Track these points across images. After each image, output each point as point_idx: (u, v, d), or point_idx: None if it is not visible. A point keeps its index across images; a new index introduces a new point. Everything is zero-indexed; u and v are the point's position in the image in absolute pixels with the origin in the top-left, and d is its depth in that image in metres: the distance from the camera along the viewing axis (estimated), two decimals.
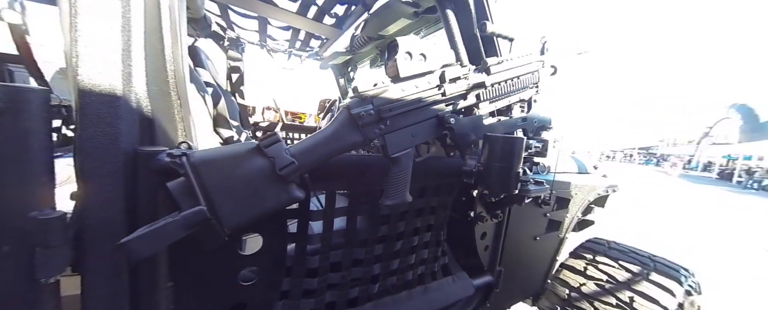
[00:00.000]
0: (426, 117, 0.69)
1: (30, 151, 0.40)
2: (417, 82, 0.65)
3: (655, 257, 1.64)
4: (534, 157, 0.94)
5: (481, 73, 0.76)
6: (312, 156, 0.56)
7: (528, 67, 0.86)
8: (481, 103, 0.78)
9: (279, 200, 0.53)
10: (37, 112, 0.41)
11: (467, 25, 1.08)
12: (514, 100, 0.87)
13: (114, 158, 0.47)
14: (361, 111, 0.58)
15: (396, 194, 0.67)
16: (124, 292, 0.50)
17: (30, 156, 0.40)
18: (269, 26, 1.78)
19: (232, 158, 0.50)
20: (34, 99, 0.40)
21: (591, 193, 1.54)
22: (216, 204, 0.47)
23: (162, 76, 0.56)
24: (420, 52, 0.64)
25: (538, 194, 0.93)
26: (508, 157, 0.66)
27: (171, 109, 0.58)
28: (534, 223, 1.35)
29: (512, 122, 0.84)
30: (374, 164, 0.76)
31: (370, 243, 0.82)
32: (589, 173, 1.95)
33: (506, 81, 0.81)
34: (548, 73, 0.94)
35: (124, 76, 0.48)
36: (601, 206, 1.97)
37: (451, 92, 0.69)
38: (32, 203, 0.41)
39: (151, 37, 0.52)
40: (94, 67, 0.45)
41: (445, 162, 0.91)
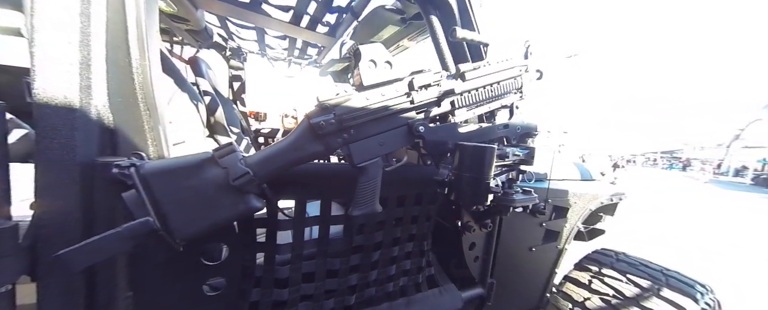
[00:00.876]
0: (395, 125, 0.68)
1: None
2: (383, 90, 0.64)
3: (667, 271, 1.53)
4: (519, 165, 0.90)
5: (455, 80, 0.74)
6: (270, 166, 0.56)
7: (509, 72, 0.83)
8: (457, 110, 0.75)
9: (235, 210, 0.53)
10: None
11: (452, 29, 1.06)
12: (496, 106, 0.84)
13: (70, 168, 0.48)
14: (321, 121, 0.58)
15: (364, 204, 0.66)
16: (79, 302, 0.50)
17: None
18: (267, 36, 1.82)
19: (186, 168, 0.50)
20: None
21: (593, 201, 1.46)
22: (167, 215, 0.47)
23: (128, 88, 0.57)
24: (385, 60, 0.63)
25: (525, 203, 0.89)
26: (478, 167, 0.63)
27: (139, 120, 0.59)
28: (529, 233, 1.29)
29: (492, 129, 0.81)
30: (347, 172, 0.74)
31: (344, 253, 0.80)
32: (594, 179, 1.86)
33: (484, 87, 0.79)
34: (533, 78, 0.91)
35: (82, 89, 0.49)
36: (610, 214, 1.88)
37: (420, 100, 0.67)
38: None
39: (116, 50, 0.54)
40: (49, 80, 0.46)
41: (426, 170, 0.88)
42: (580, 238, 2.10)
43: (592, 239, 2.06)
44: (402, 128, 0.68)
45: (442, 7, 1.03)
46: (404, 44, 1.70)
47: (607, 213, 1.87)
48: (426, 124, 0.69)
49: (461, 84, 0.74)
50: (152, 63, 0.63)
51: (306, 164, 0.62)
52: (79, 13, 0.48)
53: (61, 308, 0.49)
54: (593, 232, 2.02)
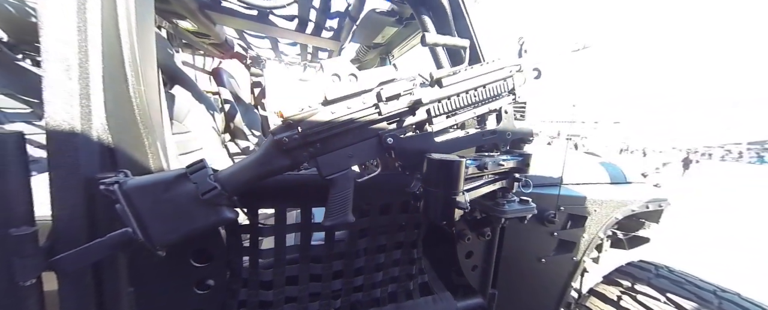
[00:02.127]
0: (364, 137, 0.68)
1: (8, 182, 0.51)
2: (349, 102, 0.64)
3: (724, 293, 1.32)
4: (515, 173, 0.84)
5: (431, 87, 0.71)
6: (238, 180, 0.60)
7: (496, 74, 0.77)
8: (435, 118, 0.73)
9: (207, 221, 0.58)
10: (13, 150, 0.52)
11: (446, 30, 1.01)
12: (483, 111, 0.79)
13: (75, 183, 0.57)
14: (284, 137, 0.60)
15: (336, 215, 0.67)
16: (90, 293, 0.60)
17: (9, 187, 0.51)
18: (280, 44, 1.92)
19: (162, 183, 0.56)
20: (9, 140, 0.51)
21: (619, 209, 1.30)
22: (147, 225, 0.54)
23: (127, 111, 0.65)
24: (349, 73, 0.63)
25: (518, 215, 0.83)
26: (444, 182, 0.60)
27: (138, 138, 0.67)
28: (538, 243, 1.20)
29: (476, 137, 0.77)
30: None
31: (326, 259, 0.83)
32: (629, 182, 1.65)
33: (467, 92, 0.75)
34: (530, 77, 0.83)
35: (82, 116, 0.57)
36: (654, 221, 1.66)
37: (389, 111, 0.66)
38: (12, 221, 0.52)
39: (113, 80, 0.62)
40: (55, 109, 0.55)
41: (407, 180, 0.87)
42: (619, 246, 1.89)
43: (633, 248, 1.84)
44: (372, 140, 0.68)
45: (435, 7, 0.99)
46: (411, 43, 1.67)
47: (651, 220, 1.65)
48: (396, 135, 0.68)
49: (437, 91, 0.71)
50: (150, 87, 0.72)
51: (284, 174, 0.66)
52: (77, 51, 0.56)
53: (76, 298, 0.59)
54: (636, 240, 1.80)
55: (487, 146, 0.84)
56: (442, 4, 0.97)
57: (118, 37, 0.62)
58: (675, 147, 26.44)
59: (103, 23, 0.60)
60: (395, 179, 0.85)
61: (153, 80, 0.74)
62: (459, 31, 1.01)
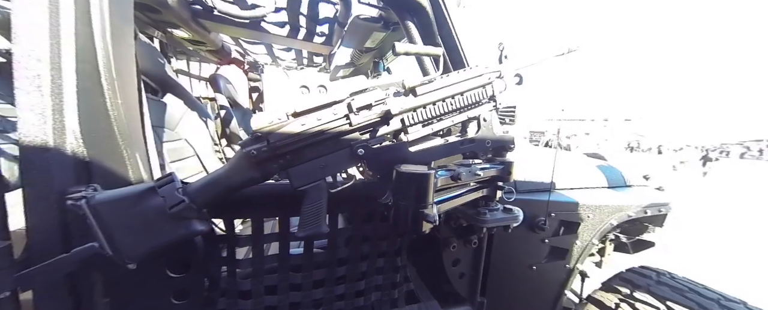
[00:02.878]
0: (337, 148, 0.67)
1: None
2: (319, 114, 0.64)
3: (728, 301, 1.27)
4: (498, 181, 0.83)
5: (405, 96, 0.70)
6: (207, 193, 0.60)
7: (475, 81, 0.75)
8: (411, 127, 0.72)
9: (176, 234, 0.58)
10: None
11: (429, 34, 1.00)
12: (461, 119, 0.77)
13: (48, 196, 0.58)
14: (252, 149, 0.60)
15: (309, 226, 0.67)
16: (65, 303, 0.61)
17: None
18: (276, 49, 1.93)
19: (131, 197, 0.56)
20: None
21: (615, 214, 1.26)
22: (115, 239, 0.54)
23: (104, 124, 0.66)
24: (318, 85, 0.62)
25: (500, 224, 0.81)
26: (412, 194, 0.59)
27: (117, 150, 0.68)
28: (529, 250, 1.17)
29: (453, 146, 0.75)
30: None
31: (305, 268, 0.83)
32: (629, 186, 1.61)
33: (443, 100, 0.73)
34: (511, 84, 0.81)
35: (55, 131, 0.58)
36: (658, 225, 1.61)
37: (360, 121, 0.65)
38: None
39: (88, 94, 0.63)
40: (28, 124, 0.56)
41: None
42: (622, 250, 1.84)
43: (637, 252, 1.79)
44: (344, 151, 0.67)
45: (418, 12, 0.98)
46: None
47: (654, 224, 1.60)
48: (368, 145, 0.67)
49: (412, 100, 0.70)
50: (129, 99, 0.73)
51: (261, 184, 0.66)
52: (49, 67, 0.57)
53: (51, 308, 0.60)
54: (638, 243, 1.75)
55: (469, 155, 0.83)
56: (425, 11, 0.96)
57: (93, 51, 0.63)
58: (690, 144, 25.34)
59: (77, 38, 0.61)
60: (372, 188, 0.84)
61: (133, 92, 0.75)
62: (443, 37, 1.00)
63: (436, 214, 0.58)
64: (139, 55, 1.12)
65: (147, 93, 1.20)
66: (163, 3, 1.15)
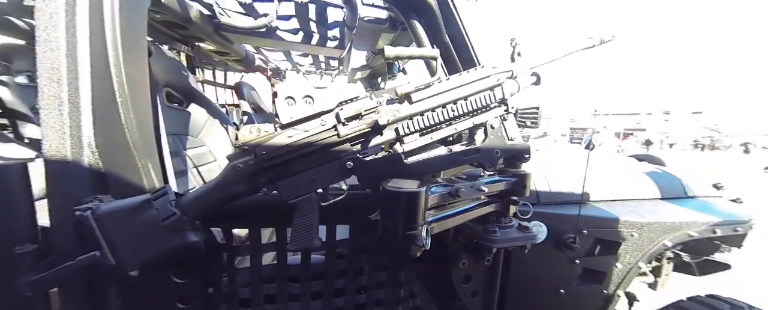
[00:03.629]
0: (326, 160, 0.64)
1: (14, 206, 0.59)
2: (307, 125, 0.62)
3: None
4: (511, 196, 0.73)
5: (400, 104, 0.65)
6: (198, 206, 0.61)
7: (481, 84, 0.67)
8: (407, 136, 0.66)
9: (171, 244, 0.60)
10: (17, 178, 0.60)
11: (437, 33, 0.93)
12: (465, 126, 0.69)
13: (67, 206, 0.63)
14: (238, 163, 0.60)
15: (299, 240, 0.65)
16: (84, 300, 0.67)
17: (15, 210, 0.60)
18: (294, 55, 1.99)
19: (130, 209, 0.59)
20: (13, 169, 0.59)
21: (669, 234, 1.05)
22: (117, 248, 0.58)
23: (119, 138, 0.71)
24: (304, 95, 0.60)
25: (512, 244, 0.72)
26: (399, 215, 0.53)
27: (131, 161, 0.73)
28: (556, 270, 1.03)
29: (455, 157, 0.68)
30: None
31: (303, 279, 0.81)
32: (693, 197, 1.35)
33: (444, 106, 0.66)
34: (526, 84, 0.71)
35: (73, 146, 0.64)
36: (736, 245, 1.34)
37: (349, 132, 0.62)
38: (18, 240, 0.60)
39: (103, 112, 0.68)
40: (50, 141, 0.62)
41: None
42: (687, 271, 1.57)
43: (705, 275, 1.51)
44: (334, 163, 0.64)
45: (423, 10, 0.91)
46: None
47: (730, 244, 1.33)
48: (358, 158, 0.63)
49: (407, 108, 0.64)
50: (143, 112, 0.78)
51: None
52: (67, 89, 0.63)
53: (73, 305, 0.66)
54: (707, 264, 1.48)
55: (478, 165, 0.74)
56: (431, 8, 0.89)
57: (108, 71, 0.68)
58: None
59: (92, 59, 0.66)
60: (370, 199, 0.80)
61: (146, 105, 0.80)
62: (452, 35, 0.92)
63: (425, 237, 0.52)
64: (165, 69, 1.21)
65: (173, 103, 1.30)
66: (188, 19, 1.23)
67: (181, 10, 1.17)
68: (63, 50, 0.63)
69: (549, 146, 2.09)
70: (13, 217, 0.61)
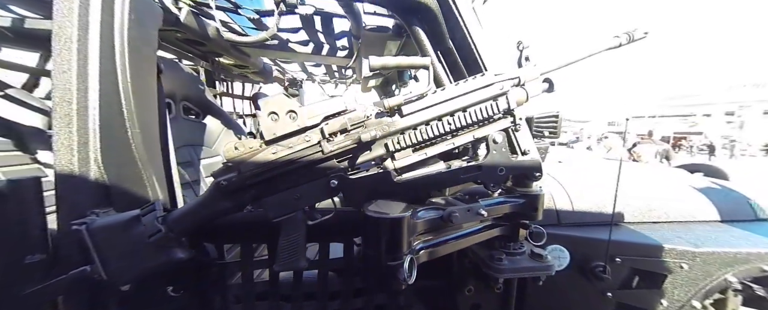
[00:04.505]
0: (313, 177, 0.61)
1: (27, 218, 0.64)
2: (292, 141, 0.59)
3: None
4: (520, 218, 0.65)
5: (392, 117, 0.60)
6: (184, 223, 0.61)
7: (482, 93, 0.60)
8: (398, 152, 0.61)
9: (158, 260, 0.60)
10: (31, 192, 0.64)
11: (440, 39, 0.87)
12: (464, 140, 0.63)
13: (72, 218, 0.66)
14: (222, 180, 0.58)
15: (286, 261, 0.62)
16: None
17: (27, 222, 0.64)
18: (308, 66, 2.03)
19: (120, 224, 0.60)
20: (28, 184, 0.63)
21: (733, 267, 0.86)
22: (108, 263, 0.59)
23: (125, 153, 0.74)
24: (288, 110, 0.58)
25: (522, 275, 0.63)
26: (377, 242, 0.48)
27: (137, 175, 0.76)
28: (584, 303, 0.89)
29: (452, 176, 0.61)
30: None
31: (295, 298, 0.78)
32: (765, 220, 1.13)
33: (440, 119, 0.60)
34: (536, 91, 0.63)
35: (80, 161, 0.67)
36: None
37: (331, 149, 0.58)
38: (29, 250, 0.64)
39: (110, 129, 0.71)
40: (60, 156, 0.66)
41: None
42: (759, 306, 1.31)
43: None
44: (321, 180, 0.61)
45: (425, 15, 0.87)
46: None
47: None
48: (343, 175, 0.59)
49: (397, 122, 0.59)
50: (149, 127, 0.81)
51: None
52: (76, 107, 0.67)
53: None
54: None
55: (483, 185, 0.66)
56: (433, 13, 0.84)
57: (116, 88, 0.72)
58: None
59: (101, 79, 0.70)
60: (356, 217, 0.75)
61: (153, 120, 0.84)
62: (456, 41, 0.86)
63: (407, 271, 0.46)
64: (182, 84, 1.28)
65: (190, 115, 1.37)
66: (206, 36, 1.29)
67: (199, 28, 1.23)
68: (74, 72, 0.67)
69: (577, 155, 1.88)
70: (26, 228, 0.65)
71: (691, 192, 1.11)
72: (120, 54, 0.73)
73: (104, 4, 0.70)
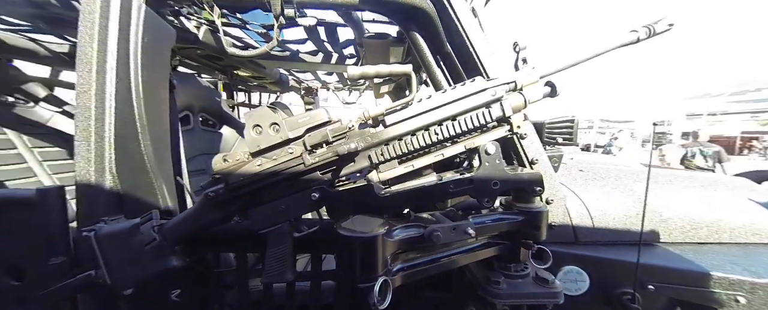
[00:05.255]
0: (296, 189, 0.60)
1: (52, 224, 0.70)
2: (276, 153, 0.59)
3: None
4: (521, 236, 0.58)
5: (376, 128, 0.58)
6: (177, 232, 0.63)
7: (473, 100, 0.56)
8: (382, 164, 0.58)
9: (154, 268, 0.63)
10: (55, 200, 0.71)
11: (439, 44, 0.84)
12: (455, 151, 0.58)
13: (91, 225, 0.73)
14: (210, 191, 0.60)
15: (272, 273, 0.62)
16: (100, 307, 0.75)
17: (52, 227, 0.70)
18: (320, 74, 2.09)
19: (124, 232, 0.64)
20: (52, 192, 0.70)
21: None
22: (112, 268, 0.63)
23: (138, 163, 0.80)
24: (271, 123, 0.58)
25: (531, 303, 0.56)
26: (350, 262, 0.45)
27: (149, 183, 0.82)
28: None
29: (440, 189, 0.57)
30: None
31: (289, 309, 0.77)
32: None
33: (427, 129, 0.57)
34: (536, 96, 0.57)
35: (96, 172, 0.74)
36: None
37: (312, 162, 0.57)
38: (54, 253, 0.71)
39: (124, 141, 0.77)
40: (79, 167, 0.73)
41: None
42: None
43: None
44: (304, 192, 0.60)
45: (422, 20, 0.84)
46: None
47: None
48: (324, 188, 0.57)
49: (380, 133, 0.57)
50: (161, 139, 0.87)
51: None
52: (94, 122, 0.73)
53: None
54: None
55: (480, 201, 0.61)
56: (429, 17, 0.80)
57: (131, 108, 0.78)
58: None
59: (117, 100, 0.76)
60: None
61: (165, 134, 0.90)
62: (455, 45, 0.81)
63: (377, 295, 0.43)
64: (200, 97, 1.38)
65: (206, 126, 1.46)
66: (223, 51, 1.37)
67: (216, 45, 1.32)
68: (93, 91, 0.74)
69: (605, 161, 1.69)
70: (51, 232, 0.72)
71: (752, 207, 0.93)
72: (134, 73, 0.79)
73: (121, 30, 0.77)
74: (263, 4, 0.86)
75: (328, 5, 0.89)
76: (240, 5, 0.90)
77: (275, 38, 0.91)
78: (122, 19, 0.77)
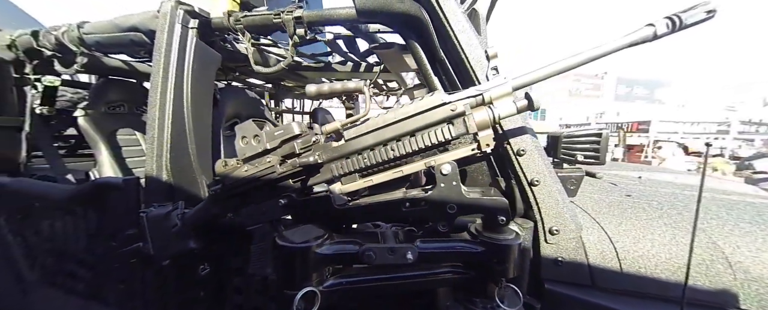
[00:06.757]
0: (271, 195, 0.67)
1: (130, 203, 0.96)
2: (257, 161, 0.67)
3: None
4: (487, 270, 0.53)
5: (338, 142, 0.60)
6: (190, 221, 0.78)
7: (430, 115, 0.53)
8: (344, 177, 0.60)
9: (177, 248, 0.79)
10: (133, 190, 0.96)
11: (433, 50, 0.81)
12: (415, 168, 0.56)
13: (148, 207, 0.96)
14: (212, 190, 0.72)
15: (256, 266, 0.71)
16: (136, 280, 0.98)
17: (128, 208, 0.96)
18: None
19: (161, 216, 0.83)
20: (131, 183, 0.96)
21: None
22: (154, 243, 0.82)
23: (186, 161, 1.02)
24: (253, 134, 0.66)
25: None
26: (277, 268, 0.48)
27: (194, 177, 1.03)
28: None
29: (393, 207, 0.55)
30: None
31: None
32: None
33: (385, 145, 0.56)
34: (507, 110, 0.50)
35: (157, 168, 0.97)
36: None
37: (282, 171, 0.62)
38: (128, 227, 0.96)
39: (177, 142, 1.00)
40: (148, 164, 0.96)
41: None
42: None
43: None
44: (276, 199, 0.66)
45: (416, 26, 0.82)
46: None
47: None
48: (291, 196, 0.62)
49: (340, 147, 0.58)
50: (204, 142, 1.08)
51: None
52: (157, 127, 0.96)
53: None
54: None
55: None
56: (422, 23, 0.77)
57: (183, 118, 1.00)
58: None
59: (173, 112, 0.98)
60: None
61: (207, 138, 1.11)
62: (447, 51, 0.76)
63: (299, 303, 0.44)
64: (246, 105, 1.63)
65: None
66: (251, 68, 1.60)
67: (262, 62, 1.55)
68: (157, 105, 0.97)
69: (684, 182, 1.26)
70: (129, 210, 0.98)
71: None
72: (186, 91, 1.01)
73: (179, 57, 0.99)
74: (280, 26, 0.98)
75: (333, 21, 0.95)
76: (265, 30, 1.04)
77: (290, 55, 1.02)
78: (179, 51, 0.98)
